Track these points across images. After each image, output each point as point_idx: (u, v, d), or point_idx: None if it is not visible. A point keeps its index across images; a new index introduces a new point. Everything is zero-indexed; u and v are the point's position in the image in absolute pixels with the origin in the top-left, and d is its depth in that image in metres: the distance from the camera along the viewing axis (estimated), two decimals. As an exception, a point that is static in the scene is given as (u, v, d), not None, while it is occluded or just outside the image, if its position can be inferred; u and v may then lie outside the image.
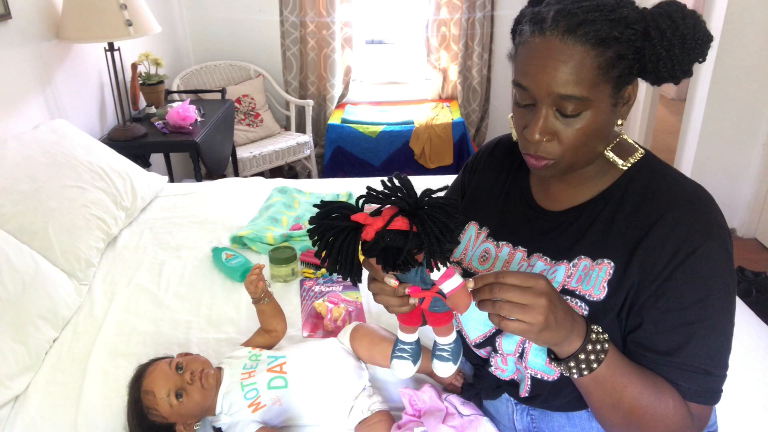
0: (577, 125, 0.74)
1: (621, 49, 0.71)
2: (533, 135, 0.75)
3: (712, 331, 0.75)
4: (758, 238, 3.05)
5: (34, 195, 1.62)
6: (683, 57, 0.73)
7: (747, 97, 2.82)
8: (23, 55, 2.05)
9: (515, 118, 0.81)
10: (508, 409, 0.95)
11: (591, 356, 0.73)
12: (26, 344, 1.28)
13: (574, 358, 0.73)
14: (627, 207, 0.80)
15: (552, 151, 0.76)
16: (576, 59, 0.70)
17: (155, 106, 2.75)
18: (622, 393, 0.74)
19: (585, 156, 0.78)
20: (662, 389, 0.76)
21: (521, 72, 0.75)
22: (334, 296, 1.52)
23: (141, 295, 1.57)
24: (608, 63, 0.71)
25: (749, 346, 1.31)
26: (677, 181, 0.81)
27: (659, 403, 0.75)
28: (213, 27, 3.63)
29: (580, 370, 0.74)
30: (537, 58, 0.72)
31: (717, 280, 0.75)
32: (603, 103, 0.73)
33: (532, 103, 0.76)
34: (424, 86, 3.98)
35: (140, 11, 2.26)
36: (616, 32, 0.70)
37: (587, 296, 0.80)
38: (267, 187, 2.24)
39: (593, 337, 0.73)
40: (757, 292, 2.29)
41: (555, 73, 0.71)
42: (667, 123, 4.70)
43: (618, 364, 0.75)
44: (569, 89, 0.71)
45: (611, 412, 0.77)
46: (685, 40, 0.72)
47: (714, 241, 0.75)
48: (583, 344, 0.73)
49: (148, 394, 1.05)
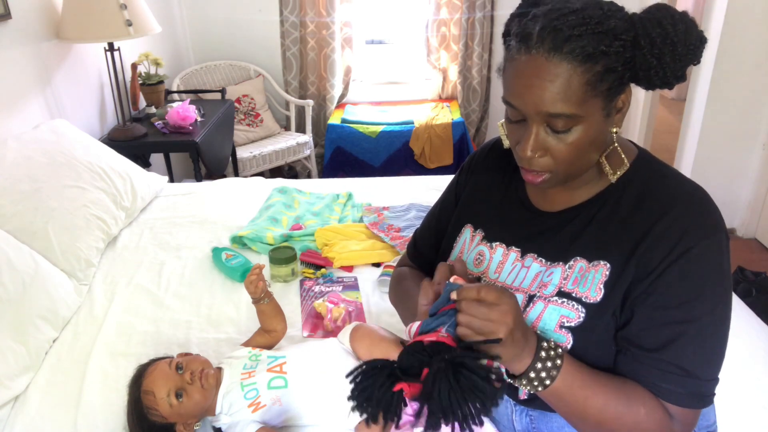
0: (569, 140, 0.74)
1: (609, 62, 0.70)
2: (525, 152, 0.75)
3: (702, 333, 0.75)
4: (758, 238, 3.05)
5: (34, 195, 1.62)
6: (675, 64, 0.72)
7: (747, 97, 2.82)
8: (23, 55, 2.05)
9: (508, 133, 0.81)
10: (507, 410, 0.95)
11: (542, 373, 0.74)
12: (26, 344, 1.28)
13: (525, 376, 0.75)
14: (624, 208, 0.80)
15: (545, 165, 0.77)
16: (563, 77, 0.69)
17: (155, 106, 2.75)
18: (585, 404, 0.76)
19: (580, 167, 0.78)
20: (631, 397, 0.76)
21: (509, 91, 0.75)
22: (334, 296, 1.52)
23: (141, 295, 1.57)
24: (596, 78, 0.70)
25: (749, 346, 1.31)
26: (675, 181, 0.80)
27: (628, 411, 0.75)
28: (213, 27, 3.63)
29: (534, 387, 0.75)
30: (524, 77, 0.72)
31: (710, 281, 0.75)
32: (594, 117, 0.73)
33: (523, 119, 0.76)
34: (424, 86, 3.98)
35: (140, 11, 2.26)
36: (603, 46, 0.68)
37: (584, 298, 0.80)
38: (267, 187, 2.24)
39: (542, 355, 0.74)
40: (757, 292, 2.29)
41: (542, 92, 0.70)
42: (667, 123, 4.70)
43: (576, 377, 0.76)
44: (557, 107, 0.70)
45: (580, 423, 0.78)
46: (676, 48, 0.71)
47: (710, 241, 0.75)
48: (533, 362, 0.74)
49: (148, 394, 1.05)
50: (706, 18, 2.83)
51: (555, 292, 0.82)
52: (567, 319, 0.80)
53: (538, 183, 0.79)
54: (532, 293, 0.85)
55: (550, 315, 0.82)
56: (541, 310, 0.83)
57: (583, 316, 0.80)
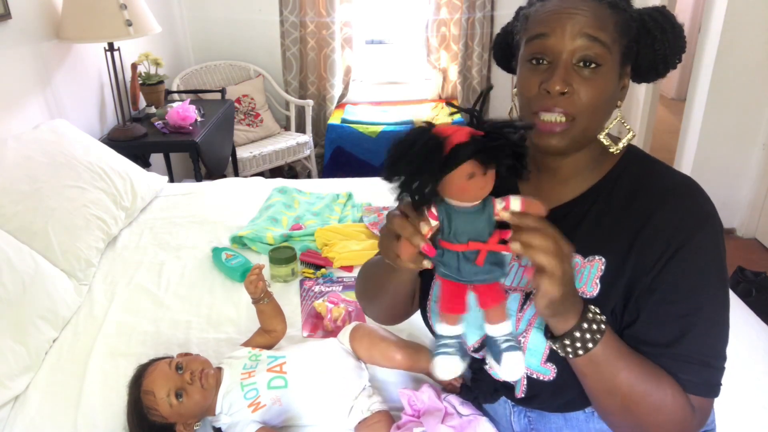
0: (595, 81, 0.75)
1: (629, 20, 0.77)
2: (554, 85, 0.74)
3: (708, 321, 0.76)
4: (758, 238, 3.05)
5: (34, 195, 1.62)
6: (674, 43, 0.79)
7: (747, 97, 2.82)
8: (23, 55, 2.05)
9: (526, 83, 0.79)
10: (505, 411, 0.95)
11: (587, 335, 0.72)
12: (26, 344, 1.28)
13: (569, 336, 0.72)
14: (617, 202, 0.81)
15: (569, 106, 0.76)
16: (597, 12, 0.75)
17: (155, 106, 2.75)
18: (618, 376, 0.74)
19: (595, 123, 0.79)
20: (661, 378, 0.75)
21: (543, 23, 0.77)
22: (334, 296, 1.52)
23: (141, 295, 1.57)
24: (621, 26, 0.76)
25: (749, 346, 1.31)
26: (665, 174, 0.81)
27: (657, 390, 0.74)
28: (213, 27, 3.63)
29: (575, 349, 0.73)
30: (560, 9, 0.76)
31: (711, 271, 0.75)
32: (615, 66, 0.77)
33: (549, 61, 0.77)
34: (424, 86, 3.98)
35: (140, 11, 2.26)
36: (624, 4, 0.78)
37: (579, 294, 0.80)
38: (267, 187, 2.24)
39: (590, 317, 0.73)
40: (757, 292, 2.29)
41: (579, 17, 0.74)
42: (667, 123, 4.70)
43: (615, 347, 0.74)
44: (595, 32, 0.74)
45: (608, 398, 0.76)
46: (674, 27, 0.79)
47: (705, 231, 0.76)
48: (579, 322, 0.72)
49: (148, 394, 1.05)
50: (706, 18, 2.83)
51: None
52: None
53: (555, 132, 0.77)
54: (528, 291, 0.85)
55: None
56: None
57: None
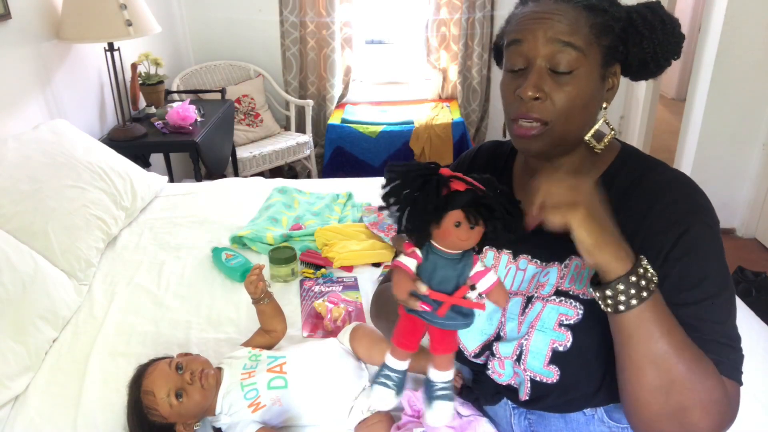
0: (570, 86, 0.75)
1: (609, 21, 0.76)
2: (526, 91, 0.75)
3: (721, 306, 0.76)
4: (758, 238, 3.05)
5: (34, 195, 1.62)
6: (665, 39, 0.78)
7: (747, 97, 2.82)
8: (23, 55, 2.05)
9: (504, 90, 0.81)
10: (505, 413, 0.95)
11: (642, 282, 0.66)
12: (26, 344, 1.28)
13: (624, 280, 0.65)
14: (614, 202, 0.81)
15: (543, 112, 0.76)
16: (571, 16, 0.75)
17: (155, 106, 2.75)
18: (663, 341, 0.68)
19: (574, 126, 0.78)
20: (702, 355, 0.71)
21: (518, 29, 0.78)
22: (334, 296, 1.52)
23: (141, 295, 1.57)
24: (599, 27, 0.75)
25: (749, 346, 1.29)
26: (659, 171, 0.82)
27: (702, 367, 0.70)
28: (213, 27, 3.63)
29: (628, 299, 0.66)
30: (534, 15, 0.76)
31: (714, 257, 0.76)
32: (593, 70, 0.76)
33: (524, 67, 0.77)
34: (424, 86, 3.98)
35: (140, 11, 2.26)
36: (605, 4, 0.76)
37: (581, 295, 0.80)
38: (267, 187, 2.24)
39: (644, 263, 0.67)
40: (757, 292, 2.29)
41: (552, 23, 0.74)
42: (667, 123, 4.70)
43: (663, 311, 0.69)
44: (566, 37, 0.74)
45: (650, 368, 0.69)
46: (665, 23, 0.78)
47: (703, 220, 0.76)
48: (635, 267, 0.66)
49: (148, 394, 1.05)
50: (706, 18, 2.83)
51: (552, 291, 0.83)
52: (566, 317, 0.81)
53: (530, 136, 0.78)
54: (530, 294, 0.85)
55: (549, 314, 0.82)
56: (539, 310, 0.83)
57: (582, 313, 0.80)
